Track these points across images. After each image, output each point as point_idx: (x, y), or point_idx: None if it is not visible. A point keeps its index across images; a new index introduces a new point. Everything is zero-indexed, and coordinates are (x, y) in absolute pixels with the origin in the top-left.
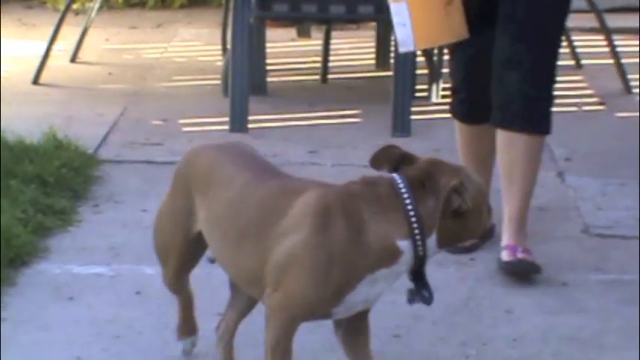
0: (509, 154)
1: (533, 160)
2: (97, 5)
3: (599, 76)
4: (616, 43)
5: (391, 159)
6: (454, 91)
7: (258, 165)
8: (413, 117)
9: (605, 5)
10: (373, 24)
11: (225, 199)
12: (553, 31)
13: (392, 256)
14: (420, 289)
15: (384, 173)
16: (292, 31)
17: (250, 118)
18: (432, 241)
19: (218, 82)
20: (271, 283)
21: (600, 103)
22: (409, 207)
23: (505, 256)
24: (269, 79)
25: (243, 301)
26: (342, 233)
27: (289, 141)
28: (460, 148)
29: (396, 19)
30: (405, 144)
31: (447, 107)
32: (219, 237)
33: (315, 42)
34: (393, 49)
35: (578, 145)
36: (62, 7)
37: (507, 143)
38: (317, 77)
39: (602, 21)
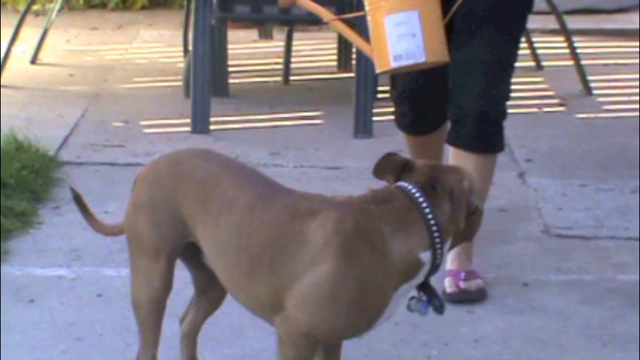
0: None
1: (486, 177)
2: (57, 6)
3: (560, 77)
4: (576, 44)
5: (394, 168)
6: (396, 102)
7: (256, 179)
8: (375, 118)
9: (565, 7)
10: None
11: (231, 223)
12: (509, 50)
13: (415, 270)
14: (431, 297)
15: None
16: (254, 33)
17: (212, 119)
18: (447, 246)
19: (179, 83)
20: (293, 308)
21: (560, 104)
22: (429, 216)
23: (448, 285)
24: (231, 81)
25: (209, 301)
26: (367, 259)
27: (251, 142)
28: (409, 156)
29: (399, 30)
30: (367, 145)
31: None
32: (227, 265)
33: (277, 43)
34: (354, 50)
35: (538, 146)
36: (22, 8)
37: (459, 161)
38: (279, 79)
39: (562, 22)
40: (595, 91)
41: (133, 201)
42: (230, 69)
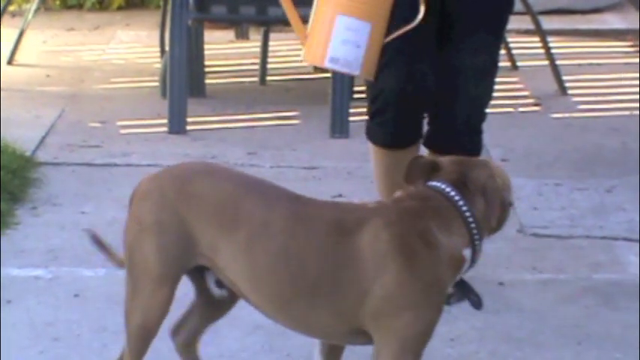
0: None
1: None
2: (34, 7)
3: (535, 77)
4: (551, 44)
5: (424, 170)
6: (375, 113)
7: (276, 193)
8: (351, 118)
9: (540, 8)
10: None
11: (273, 248)
12: (496, 52)
13: (460, 266)
14: (468, 294)
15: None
16: (230, 33)
17: (189, 119)
18: (483, 242)
19: (156, 84)
20: (375, 333)
21: (536, 104)
22: (467, 213)
23: None
24: (207, 81)
25: (211, 307)
26: (425, 256)
27: (228, 142)
28: (378, 177)
29: (346, 34)
30: (343, 145)
31: None
32: (275, 292)
33: (254, 44)
34: None
35: (514, 145)
36: None
37: None
38: (255, 79)
39: (537, 23)
40: (570, 91)
41: (135, 220)
42: (207, 69)
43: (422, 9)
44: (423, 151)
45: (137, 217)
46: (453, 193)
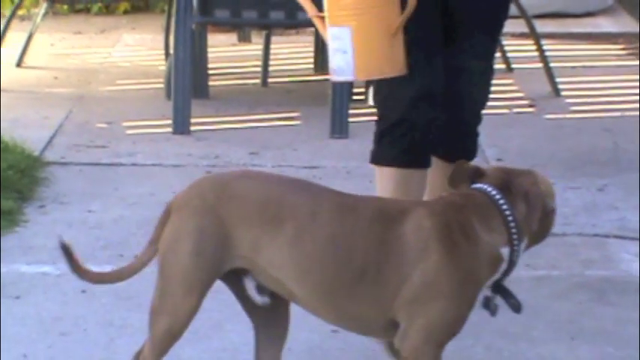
0: (438, 180)
1: None
2: (42, 11)
3: (529, 79)
4: (545, 47)
5: (468, 175)
6: (388, 129)
7: (316, 189)
8: (350, 119)
9: (534, 11)
10: (312, 29)
11: (321, 237)
12: (494, 56)
13: (497, 265)
14: (507, 297)
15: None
16: (233, 36)
17: (193, 120)
18: (522, 246)
19: (161, 85)
20: (404, 320)
21: (530, 106)
22: (507, 213)
23: None
24: (211, 83)
25: (268, 326)
26: (465, 249)
27: (231, 143)
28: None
29: (334, 44)
30: (343, 145)
31: None
32: (319, 282)
33: (256, 47)
34: None
35: (509, 145)
36: (8, 12)
37: (437, 169)
38: (257, 81)
39: (531, 26)
40: (563, 93)
41: (173, 230)
42: (210, 71)
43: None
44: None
45: (176, 225)
46: (494, 193)
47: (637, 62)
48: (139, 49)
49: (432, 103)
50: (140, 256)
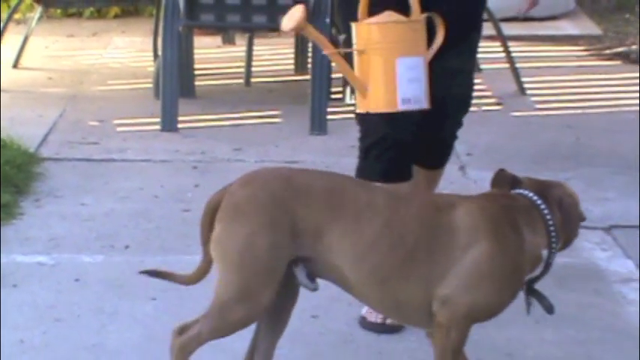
0: (419, 184)
1: (437, 182)
2: (37, 15)
3: (497, 79)
4: (511, 49)
5: (508, 181)
6: (373, 145)
7: (370, 183)
8: (329, 117)
9: (501, 15)
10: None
11: (378, 222)
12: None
13: (537, 264)
14: (541, 299)
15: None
16: (218, 39)
17: (180, 118)
18: (556, 251)
19: (150, 85)
20: (453, 292)
21: (498, 104)
22: (548, 218)
23: (367, 312)
24: (197, 83)
25: (279, 322)
26: (512, 241)
27: (216, 139)
28: None
29: (413, 73)
30: (322, 142)
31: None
32: (375, 264)
33: (239, 48)
34: (310, 54)
35: (478, 141)
36: (4, 16)
37: (430, 180)
38: (241, 81)
39: (498, 29)
40: (528, 92)
41: (243, 226)
42: (196, 72)
43: (440, 33)
44: None
45: (247, 220)
46: (535, 198)
47: (597, 62)
48: (129, 51)
49: (412, 119)
50: (204, 260)
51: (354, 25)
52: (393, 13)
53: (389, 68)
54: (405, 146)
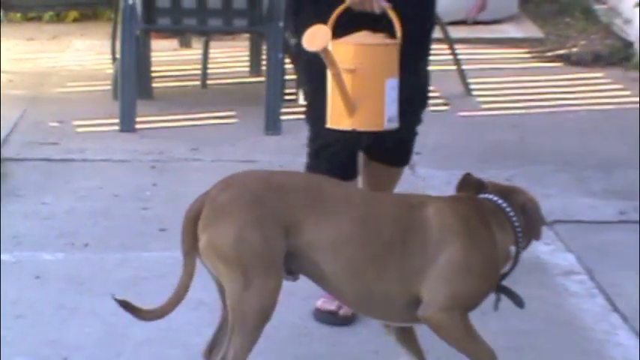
0: (380, 182)
1: (397, 181)
2: None
3: (444, 80)
4: (458, 51)
5: (473, 185)
6: (323, 147)
7: (347, 183)
8: (283, 117)
9: (448, 19)
10: (247, 35)
11: (356, 215)
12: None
13: (506, 261)
14: (511, 295)
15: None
16: (175, 42)
17: (138, 119)
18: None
19: (108, 87)
20: (428, 294)
21: (445, 104)
22: (514, 219)
23: (322, 302)
24: (154, 85)
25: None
26: (485, 238)
27: (173, 139)
28: None
29: (393, 94)
30: (276, 141)
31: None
32: (350, 257)
33: (196, 51)
34: (264, 57)
35: (426, 140)
36: None
37: (379, 173)
38: (197, 83)
39: (445, 32)
40: (475, 92)
41: (232, 225)
42: (153, 74)
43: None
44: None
45: (235, 222)
46: (501, 202)
47: (540, 64)
48: (88, 53)
49: None
50: (185, 271)
51: (339, 45)
52: (369, 34)
53: (379, 89)
54: (355, 149)
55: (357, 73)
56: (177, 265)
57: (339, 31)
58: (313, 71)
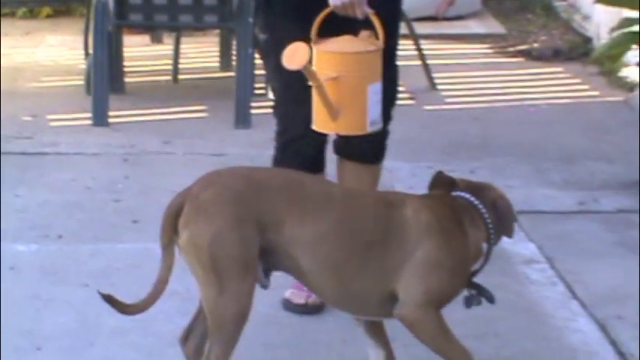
0: (359, 182)
1: (377, 180)
2: None
3: (409, 75)
4: (422, 47)
5: (445, 183)
6: (290, 141)
7: (325, 180)
8: (253, 111)
9: (413, 15)
10: (217, 31)
11: (336, 214)
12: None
13: (478, 256)
14: (482, 292)
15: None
16: (146, 38)
17: (110, 113)
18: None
19: (81, 82)
20: (404, 291)
21: (410, 98)
22: (486, 216)
23: (291, 294)
24: (127, 80)
25: None
26: (458, 237)
27: (145, 133)
28: None
29: (376, 98)
30: (246, 135)
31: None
32: (329, 253)
33: (167, 47)
34: (234, 52)
35: (392, 134)
36: None
37: (358, 172)
38: (169, 77)
39: (411, 28)
40: (439, 87)
41: (212, 225)
42: (126, 69)
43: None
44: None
45: (213, 222)
46: (473, 199)
47: (502, 59)
48: (61, 49)
49: None
50: (164, 264)
51: (322, 54)
52: (352, 38)
53: (361, 94)
54: (322, 143)
55: (341, 80)
56: (149, 256)
57: (320, 31)
58: (282, 70)
